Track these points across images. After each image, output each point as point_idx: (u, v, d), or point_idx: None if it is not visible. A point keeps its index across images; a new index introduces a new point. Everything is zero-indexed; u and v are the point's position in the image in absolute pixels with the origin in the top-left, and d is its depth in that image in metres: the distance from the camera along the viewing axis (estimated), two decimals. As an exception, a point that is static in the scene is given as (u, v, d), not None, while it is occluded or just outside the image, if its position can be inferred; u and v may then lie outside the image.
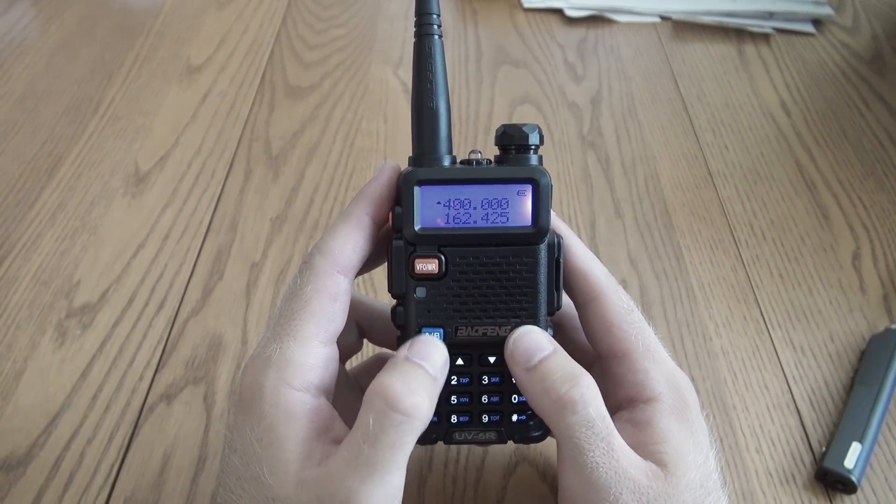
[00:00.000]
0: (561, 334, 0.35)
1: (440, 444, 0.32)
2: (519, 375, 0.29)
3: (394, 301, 0.31)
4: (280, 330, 0.28)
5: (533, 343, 0.29)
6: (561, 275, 0.30)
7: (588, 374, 0.28)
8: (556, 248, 0.30)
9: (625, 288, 0.47)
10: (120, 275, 0.48)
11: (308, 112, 0.62)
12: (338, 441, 0.27)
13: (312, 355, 0.28)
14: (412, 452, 0.38)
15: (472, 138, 0.60)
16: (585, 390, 0.27)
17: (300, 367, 0.27)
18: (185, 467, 0.38)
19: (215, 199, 0.54)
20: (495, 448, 0.39)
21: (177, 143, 0.59)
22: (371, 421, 0.25)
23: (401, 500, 0.26)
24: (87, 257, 0.49)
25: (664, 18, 0.75)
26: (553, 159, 0.58)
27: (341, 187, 0.55)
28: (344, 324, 0.29)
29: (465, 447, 0.39)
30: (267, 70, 0.67)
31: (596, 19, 0.75)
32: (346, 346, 0.35)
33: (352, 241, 0.29)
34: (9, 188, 0.54)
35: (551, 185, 0.29)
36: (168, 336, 0.44)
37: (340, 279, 0.29)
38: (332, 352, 0.29)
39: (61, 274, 0.48)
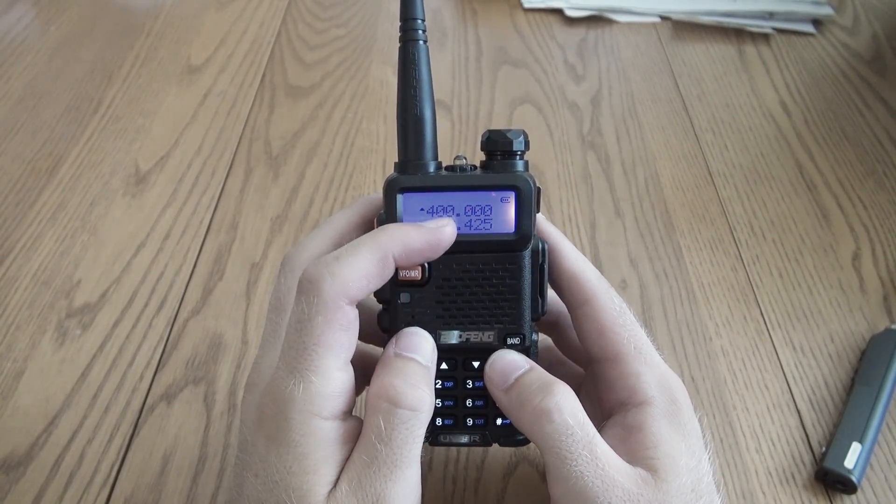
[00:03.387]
0: (558, 335, 0.35)
1: (431, 446, 0.32)
2: (498, 397, 0.29)
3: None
4: (296, 364, 0.26)
5: (508, 364, 0.29)
6: (545, 281, 0.30)
7: (564, 384, 0.28)
8: (540, 255, 0.30)
9: (625, 288, 0.48)
10: (120, 275, 0.48)
11: (308, 112, 0.62)
12: None
13: (336, 385, 0.27)
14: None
15: (471, 139, 0.60)
16: (560, 398, 0.27)
17: (327, 399, 0.26)
18: (185, 467, 0.38)
19: (215, 199, 0.54)
20: (495, 448, 0.39)
21: (177, 143, 0.59)
22: (381, 423, 0.26)
23: (420, 491, 0.26)
24: (87, 257, 0.49)
25: (664, 18, 0.75)
26: (553, 159, 0.58)
27: (341, 187, 0.55)
28: (355, 346, 0.28)
29: (464, 447, 0.39)
30: (267, 70, 0.67)
31: (596, 19, 0.75)
32: None
33: (371, 282, 0.27)
34: (9, 188, 0.54)
35: (536, 191, 0.29)
36: (168, 336, 0.44)
37: (349, 310, 0.27)
38: (351, 373, 0.28)
39: (61, 274, 0.48)
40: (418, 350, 0.28)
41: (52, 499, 0.37)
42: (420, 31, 0.29)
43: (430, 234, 0.28)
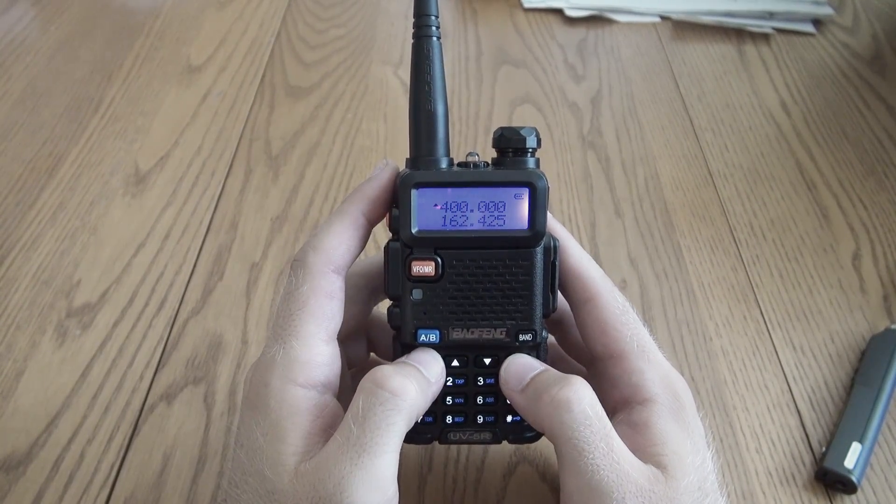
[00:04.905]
0: (561, 333, 0.35)
1: (440, 444, 0.32)
2: (514, 398, 0.30)
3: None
4: (280, 331, 0.28)
5: (522, 366, 0.30)
6: (556, 278, 0.30)
7: (581, 378, 0.28)
8: (552, 252, 0.30)
9: (625, 288, 0.48)
10: (120, 275, 0.48)
11: (308, 112, 0.62)
12: None
13: (316, 353, 0.28)
14: (412, 453, 0.39)
15: (472, 138, 0.60)
16: (579, 387, 0.27)
17: (305, 365, 0.27)
18: (185, 467, 0.38)
19: (215, 199, 0.54)
20: (495, 448, 0.39)
21: (177, 143, 0.59)
22: (360, 402, 0.26)
23: (395, 494, 0.26)
24: (87, 257, 0.49)
25: (664, 18, 0.75)
26: (553, 159, 0.58)
27: (341, 187, 0.55)
28: (342, 321, 0.29)
29: (465, 447, 0.39)
30: (267, 70, 0.67)
31: (596, 19, 0.75)
32: (354, 356, 0.35)
33: (346, 240, 0.29)
34: (9, 188, 0.54)
35: (548, 189, 0.29)
36: (168, 336, 0.44)
37: (335, 277, 0.29)
38: (335, 350, 0.29)
39: (61, 274, 0.48)
40: (423, 364, 0.29)
41: (52, 499, 0.37)
42: (434, 28, 0.30)
43: (380, 176, 0.30)
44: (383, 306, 0.40)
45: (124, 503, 0.37)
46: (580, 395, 0.27)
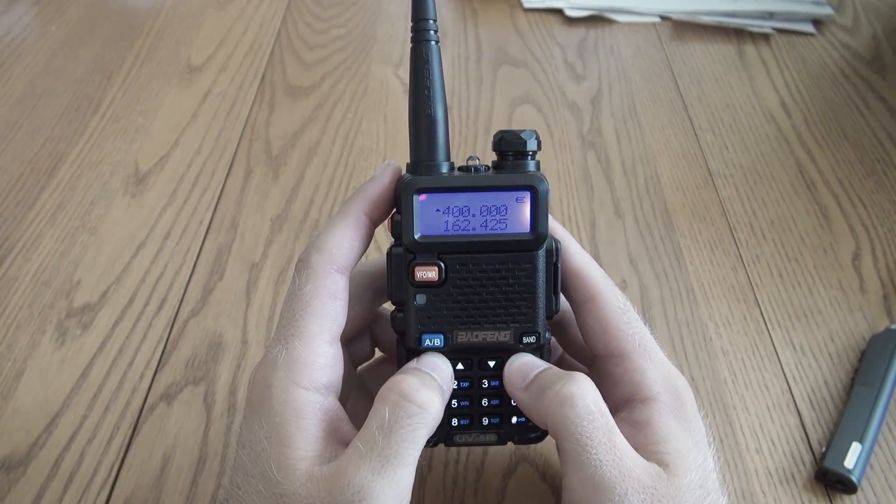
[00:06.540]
0: (562, 334, 0.35)
1: (446, 447, 0.32)
2: (518, 396, 0.30)
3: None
4: (284, 331, 0.28)
5: (525, 364, 0.30)
6: (559, 279, 0.30)
7: (584, 374, 0.28)
8: (553, 254, 0.30)
9: (625, 288, 0.48)
10: (120, 275, 0.48)
11: (308, 112, 0.62)
12: (345, 441, 0.27)
13: (319, 354, 0.28)
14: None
15: (471, 139, 0.60)
16: (582, 383, 0.27)
17: (307, 367, 0.27)
18: (185, 467, 0.38)
19: (215, 199, 0.54)
20: (495, 448, 0.39)
21: (177, 143, 0.59)
22: (387, 413, 0.26)
23: (409, 500, 0.26)
24: (87, 257, 0.49)
25: (664, 18, 0.75)
26: (553, 159, 0.58)
27: (341, 187, 0.55)
28: (345, 322, 0.29)
29: (465, 447, 0.39)
30: (267, 70, 0.67)
31: (596, 19, 0.75)
32: (359, 353, 0.35)
33: (349, 240, 0.29)
34: (9, 188, 0.54)
35: (549, 191, 0.29)
36: (168, 336, 0.44)
37: (338, 277, 0.29)
38: (338, 351, 0.29)
39: (61, 274, 0.48)
40: (436, 370, 0.29)
41: (52, 499, 0.37)
42: (432, 32, 0.29)
43: (382, 176, 0.30)
44: (388, 303, 0.40)
45: (124, 503, 0.37)
46: (584, 390, 0.27)
